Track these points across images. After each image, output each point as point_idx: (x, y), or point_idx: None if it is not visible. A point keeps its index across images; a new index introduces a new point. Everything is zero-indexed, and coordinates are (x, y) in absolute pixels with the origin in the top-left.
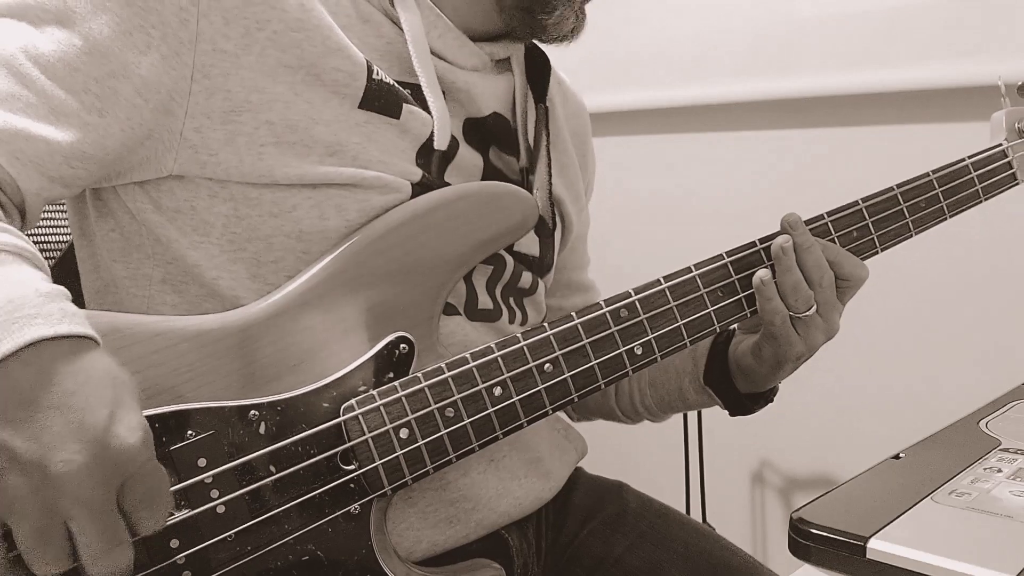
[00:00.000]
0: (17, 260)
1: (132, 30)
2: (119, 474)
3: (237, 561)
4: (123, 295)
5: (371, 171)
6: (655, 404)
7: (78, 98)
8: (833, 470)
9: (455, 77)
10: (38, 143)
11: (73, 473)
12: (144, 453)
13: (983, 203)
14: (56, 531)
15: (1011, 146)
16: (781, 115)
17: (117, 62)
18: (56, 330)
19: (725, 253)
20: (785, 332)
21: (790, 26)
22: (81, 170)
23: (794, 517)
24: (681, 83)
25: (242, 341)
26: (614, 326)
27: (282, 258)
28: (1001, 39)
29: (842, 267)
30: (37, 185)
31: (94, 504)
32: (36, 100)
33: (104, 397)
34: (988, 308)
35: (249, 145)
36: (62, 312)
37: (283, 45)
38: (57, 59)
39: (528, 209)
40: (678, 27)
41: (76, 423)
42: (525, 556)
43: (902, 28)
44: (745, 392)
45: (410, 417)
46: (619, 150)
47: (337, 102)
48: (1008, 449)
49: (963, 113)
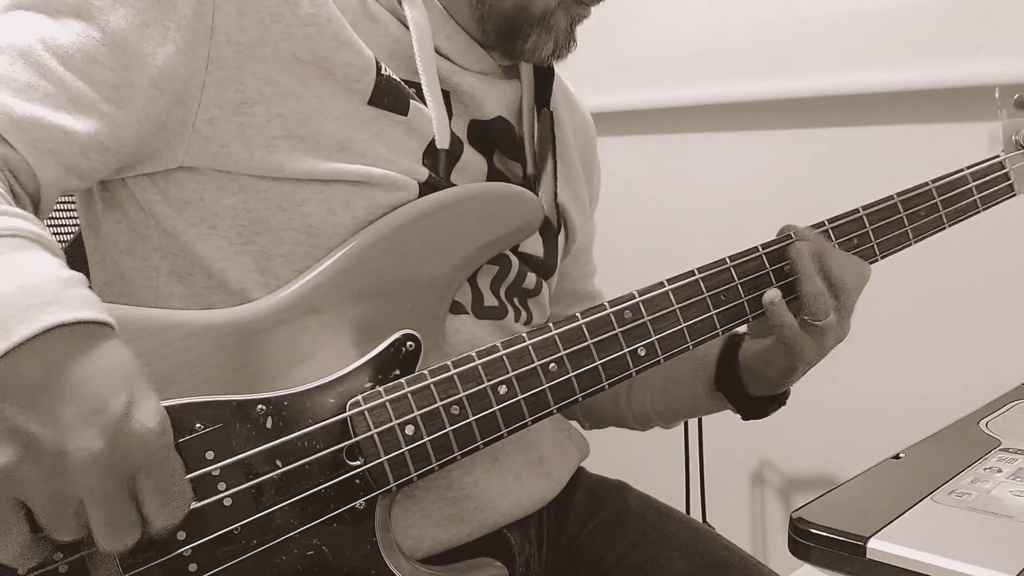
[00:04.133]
0: (34, 246)
1: (149, 22)
2: (134, 461)
3: (243, 554)
4: (130, 287)
5: (379, 169)
6: (667, 410)
7: (96, 89)
8: (833, 470)
9: (460, 79)
10: (56, 132)
11: (90, 459)
12: (161, 440)
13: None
14: (73, 512)
15: (1008, 158)
16: (781, 115)
17: (134, 54)
18: (75, 315)
19: (728, 258)
20: (798, 342)
21: (790, 26)
22: (98, 162)
23: (794, 517)
24: (682, 83)
25: (250, 336)
26: (618, 327)
27: (290, 252)
28: (1000, 39)
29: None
30: (54, 175)
31: (108, 490)
32: (54, 90)
33: (121, 384)
34: (988, 308)
35: (260, 138)
36: (81, 298)
37: (296, 39)
38: (76, 50)
39: (534, 210)
40: (678, 27)
41: (93, 409)
42: (527, 555)
43: (902, 28)
44: (757, 396)
45: (416, 414)
46: (619, 150)
47: (347, 97)
48: (1008, 449)
49: (962, 113)
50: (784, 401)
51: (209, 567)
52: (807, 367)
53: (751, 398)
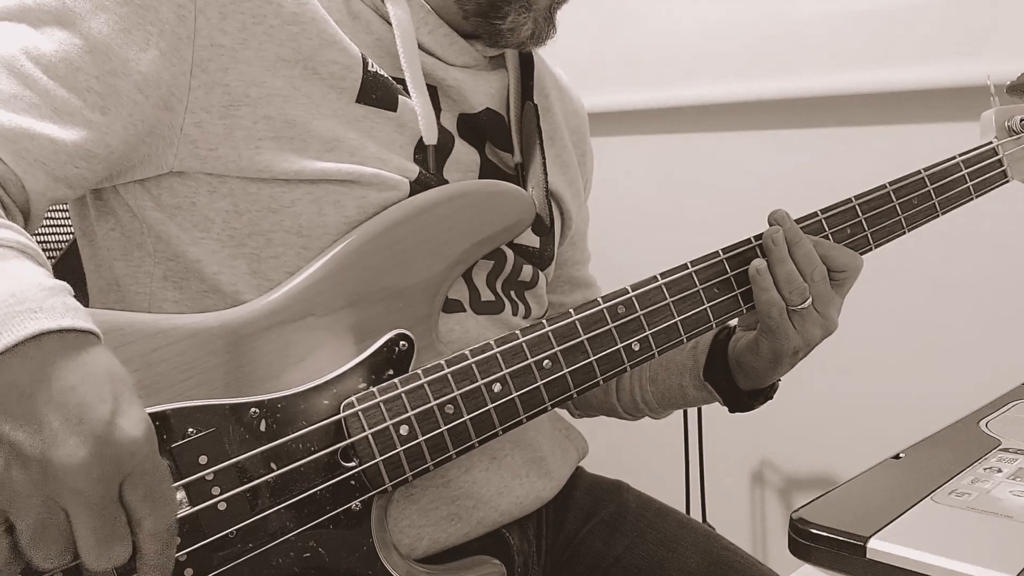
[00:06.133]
0: (19, 256)
1: (131, 28)
2: (121, 470)
3: (239, 558)
4: (126, 293)
5: (369, 168)
6: (655, 400)
7: (80, 97)
8: (833, 470)
9: (445, 74)
10: (43, 142)
11: (74, 467)
12: (146, 447)
13: (974, 200)
14: (56, 525)
15: (1001, 144)
16: (781, 115)
17: (117, 60)
18: (59, 323)
19: (721, 250)
20: (782, 325)
21: (790, 26)
22: (86, 170)
23: (794, 517)
24: (681, 83)
25: (242, 339)
26: (612, 322)
27: (282, 253)
28: (1000, 39)
29: (835, 260)
30: (43, 184)
31: (93, 499)
32: (39, 100)
33: (106, 392)
34: (988, 308)
35: (247, 139)
36: (65, 306)
37: (280, 39)
38: (59, 59)
39: (526, 208)
40: (678, 27)
41: (77, 418)
42: (525, 555)
43: (902, 28)
44: (745, 389)
45: (410, 413)
46: (619, 150)
47: (335, 96)
48: (1008, 449)
49: (962, 113)
50: (771, 395)
51: (205, 571)
52: (793, 356)
53: (740, 391)
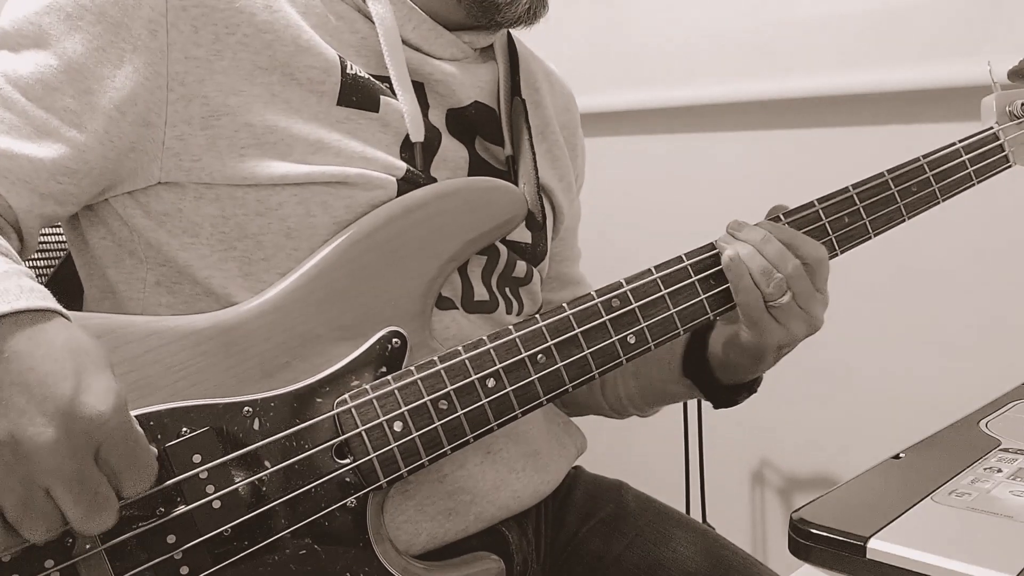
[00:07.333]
0: None
1: (105, 46)
2: (91, 441)
3: (234, 555)
4: (120, 299)
5: (355, 168)
6: (639, 395)
7: (57, 115)
8: (833, 470)
9: (432, 68)
10: (21, 161)
11: (44, 446)
12: (114, 417)
13: (976, 185)
14: (38, 502)
15: (1003, 128)
16: (780, 115)
17: (93, 78)
18: (12, 306)
19: (715, 241)
20: (763, 318)
21: (790, 26)
22: (70, 185)
23: (794, 517)
24: (681, 83)
25: (234, 339)
26: (606, 315)
27: (272, 255)
28: (1000, 39)
29: (799, 248)
30: (28, 202)
31: (69, 474)
32: (19, 121)
33: (68, 367)
34: (988, 308)
35: (230, 148)
36: (20, 288)
37: (255, 48)
38: (36, 80)
39: (517, 205)
40: (678, 27)
41: (41, 396)
42: (525, 553)
43: (902, 28)
44: (728, 383)
45: (403, 410)
46: (619, 150)
47: (315, 100)
48: (1008, 449)
49: (962, 113)
50: (755, 389)
51: (201, 569)
52: (777, 352)
53: (721, 385)
